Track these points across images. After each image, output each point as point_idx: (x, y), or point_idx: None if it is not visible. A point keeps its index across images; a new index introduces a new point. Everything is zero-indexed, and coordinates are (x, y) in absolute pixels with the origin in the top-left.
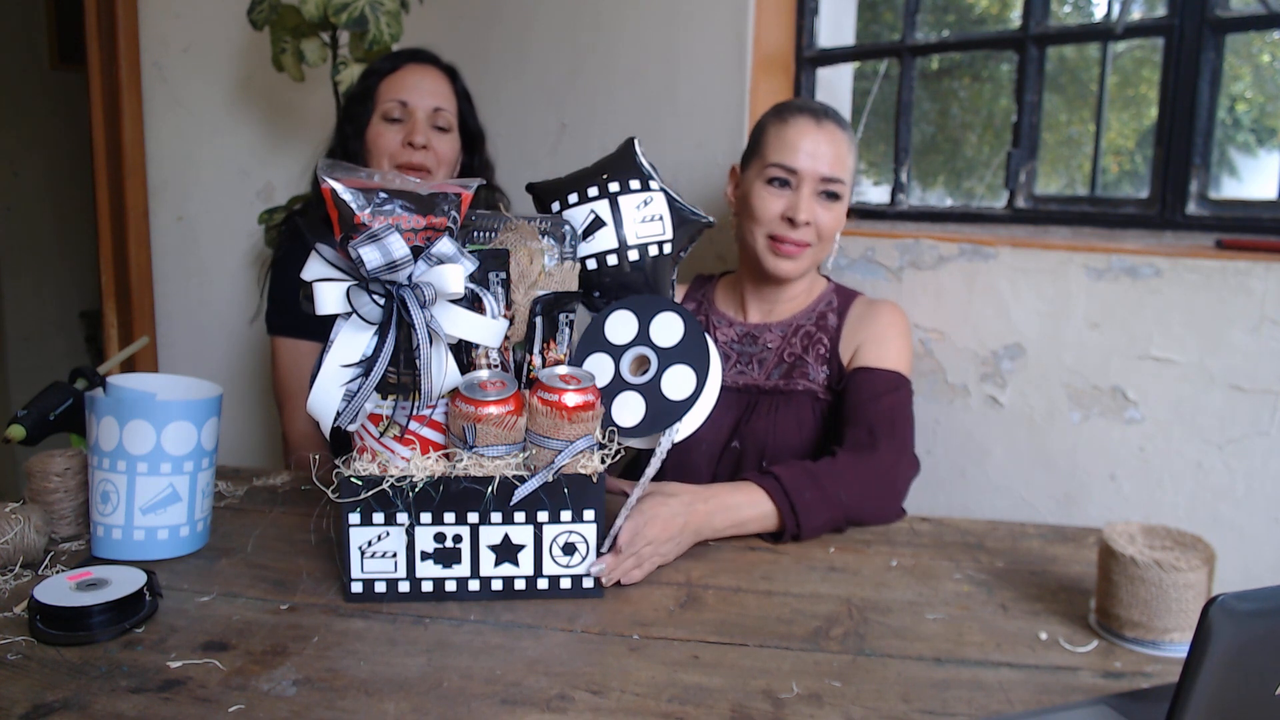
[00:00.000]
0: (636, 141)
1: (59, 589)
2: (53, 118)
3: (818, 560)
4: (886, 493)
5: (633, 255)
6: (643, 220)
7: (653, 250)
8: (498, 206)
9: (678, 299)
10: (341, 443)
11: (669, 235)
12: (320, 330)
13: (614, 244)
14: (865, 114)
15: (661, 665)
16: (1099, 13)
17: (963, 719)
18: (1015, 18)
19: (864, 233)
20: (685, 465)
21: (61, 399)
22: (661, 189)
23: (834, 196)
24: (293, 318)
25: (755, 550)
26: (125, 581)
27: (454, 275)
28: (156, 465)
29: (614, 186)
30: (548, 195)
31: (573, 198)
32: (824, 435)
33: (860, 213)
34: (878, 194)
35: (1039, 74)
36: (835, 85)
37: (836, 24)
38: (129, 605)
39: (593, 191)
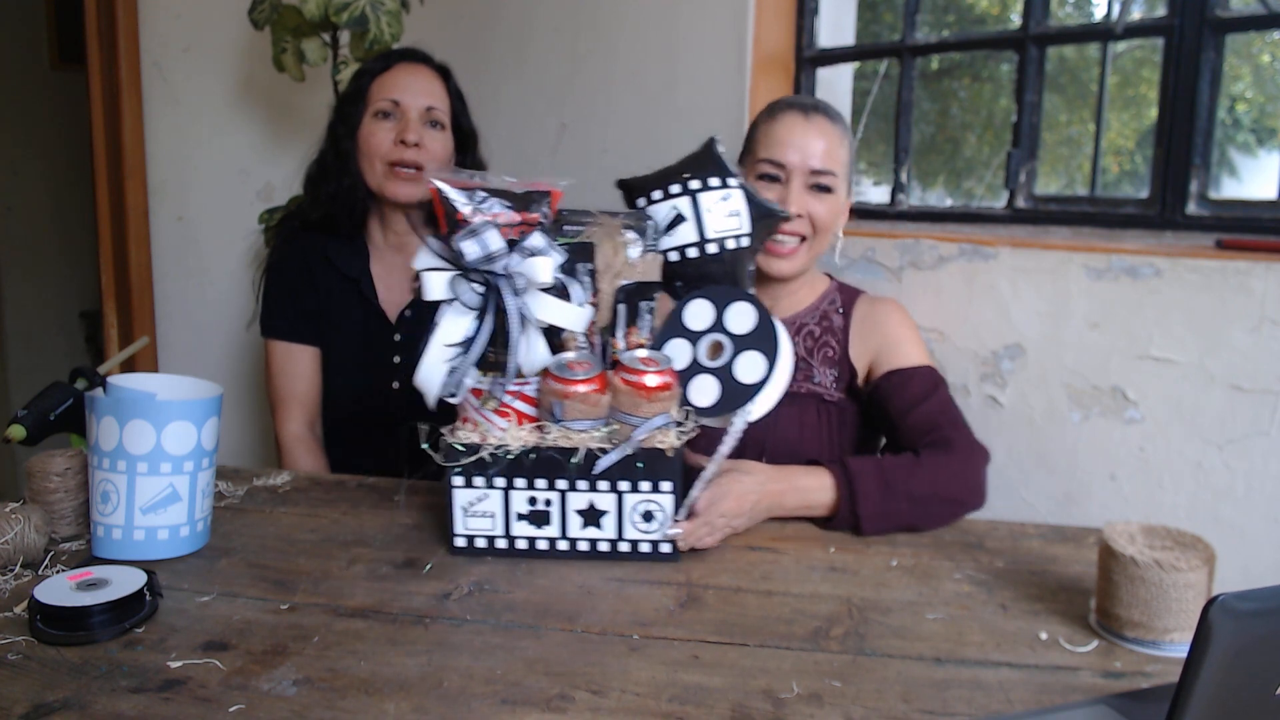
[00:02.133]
0: (716, 140)
1: (59, 589)
2: (53, 118)
3: (818, 560)
4: (972, 486)
5: (711, 248)
6: (721, 215)
7: (730, 243)
8: None
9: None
10: (445, 414)
11: (746, 229)
12: (313, 334)
13: (694, 238)
14: (865, 114)
15: (661, 665)
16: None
17: (963, 719)
18: (1015, 18)
19: (864, 233)
20: None
21: (61, 399)
22: (740, 185)
23: (826, 189)
24: (286, 321)
25: (755, 550)
26: (125, 581)
27: (544, 266)
28: (156, 465)
29: (694, 184)
30: (634, 191)
31: (656, 194)
32: (831, 437)
33: (860, 213)
34: (878, 194)
35: (1039, 74)
36: (835, 85)
37: (836, 24)
38: (129, 605)
39: (675, 188)
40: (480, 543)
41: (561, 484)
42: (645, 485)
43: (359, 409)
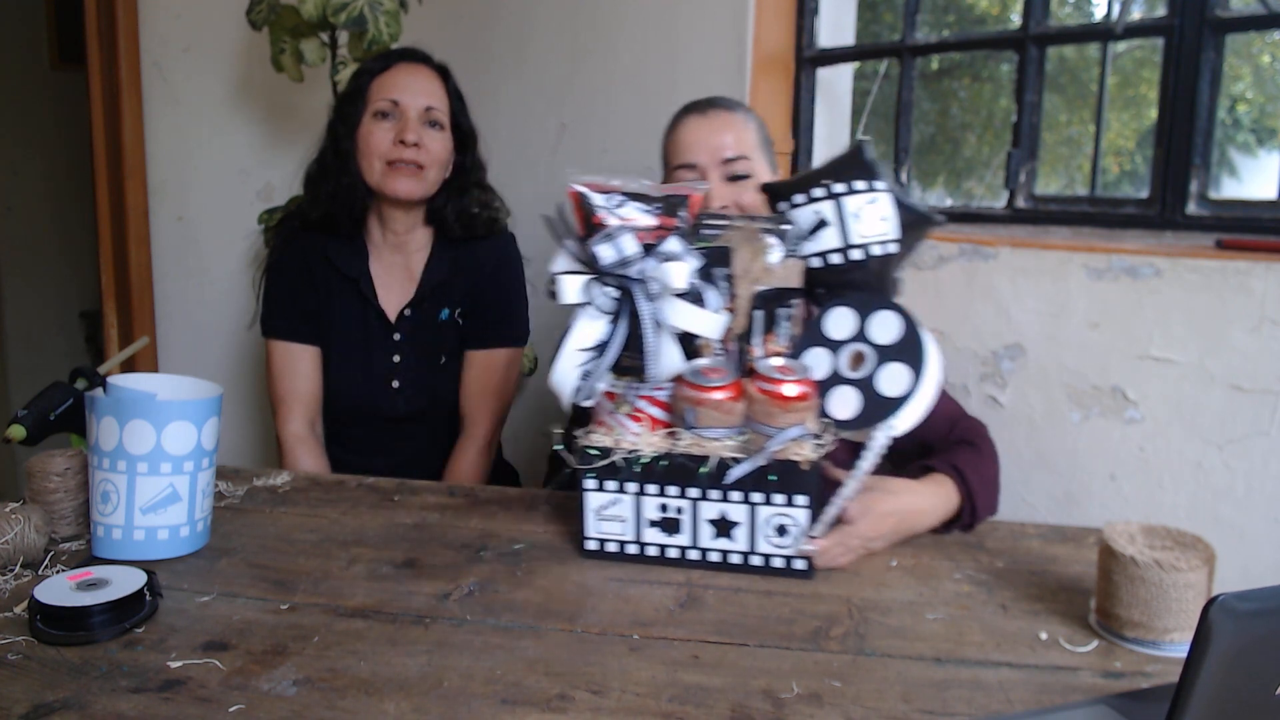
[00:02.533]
0: (865, 144)
1: (59, 589)
2: (53, 118)
3: None
4: (998, 483)
5: (855, 254)
6: (866, 220)
7: (876, 249)
8: (495, 209)
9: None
10: (579, 418)
11: (893, 235)
12: (313, 334)
13: (838, 243)
14: (865, 114)
15: (661, 665)
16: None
17: (963, 719)
18: (1015, 18)
19: None
20: None
21: (61, 399)
22: (889, 190)
23: (743, 175)
24: (286, 321)
25: None
26: (125, 581)
27: (678, 272)
28: (156, 465)
29: (839, 188)
30: (777, 195)
31: (799, 198)
32: None
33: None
34: None
35: (1039, 74)
36: (835, 85)
37: (836, 24)
38: (129, 605)
39: (818, 192)
40: (611, 547)
41: (693, 492)
42: (779, 498)
43: (359, 408)
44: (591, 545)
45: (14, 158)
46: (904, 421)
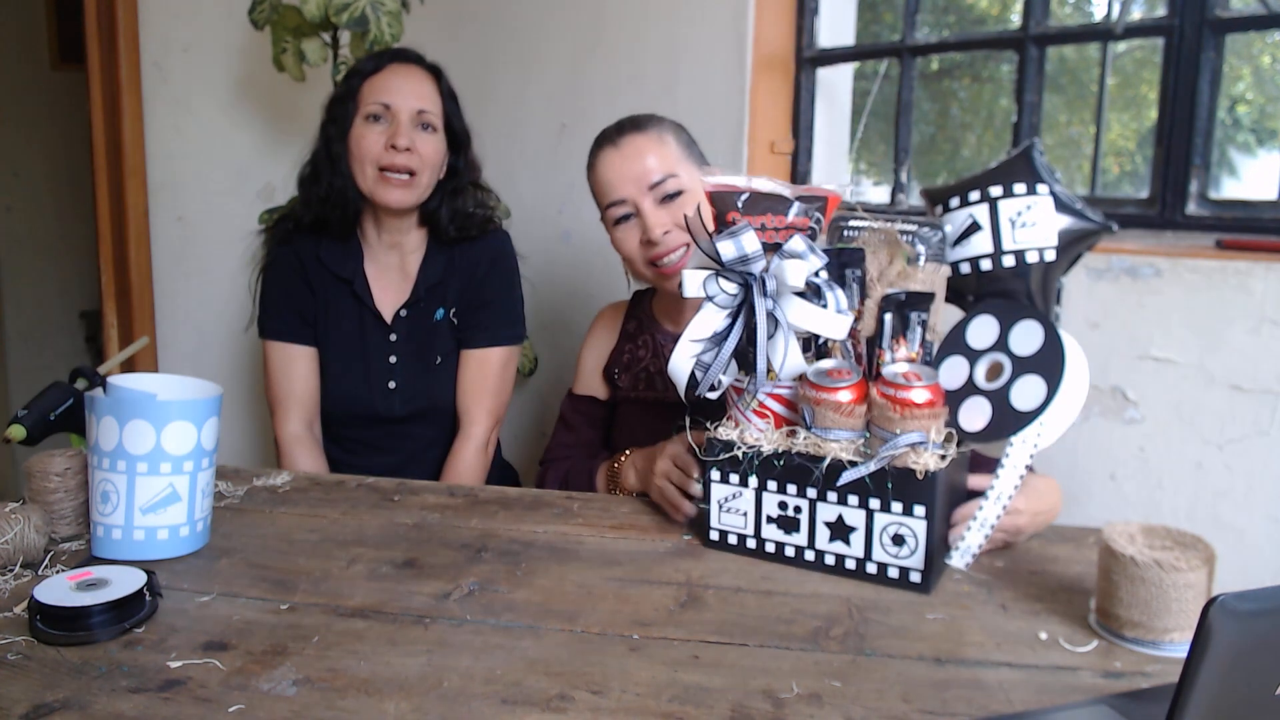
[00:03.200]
0: (1036, 144)
1: (59, 589)
2: (53, 118)
3: None
4: None
5: (1008, 260)
6: (1021, 225)
7: (1031, 256)
8: (490, 208)
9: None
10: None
11: (1051, 242)
12: (309, 335)
13: (988, 249)
14: (865, 114)
15: (661, 665)
16: (1099, 13)
17: (963, 719)
18: (1015, 18)
19: None
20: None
21: (61, 399)
22: (1053, 193)
23: (674, 194)
24: (282, 322)
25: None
26: (125, 581)
27: (795, 270)
28: (156, 465)
29: (996, 190)
30: (935, 199)
31: (954, 201)
32: None
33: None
34: (878, 194)
35: (1039, 74)
36: (835, 85)
37: (836, 24)
38: (129, 605)
39: (974, 195)
40: (732, 539)
41: (811, 493)
42: (897, 506)
43: (357, 409)
44: (714, 536)
45: (14, 158)
46: (1046, 438)
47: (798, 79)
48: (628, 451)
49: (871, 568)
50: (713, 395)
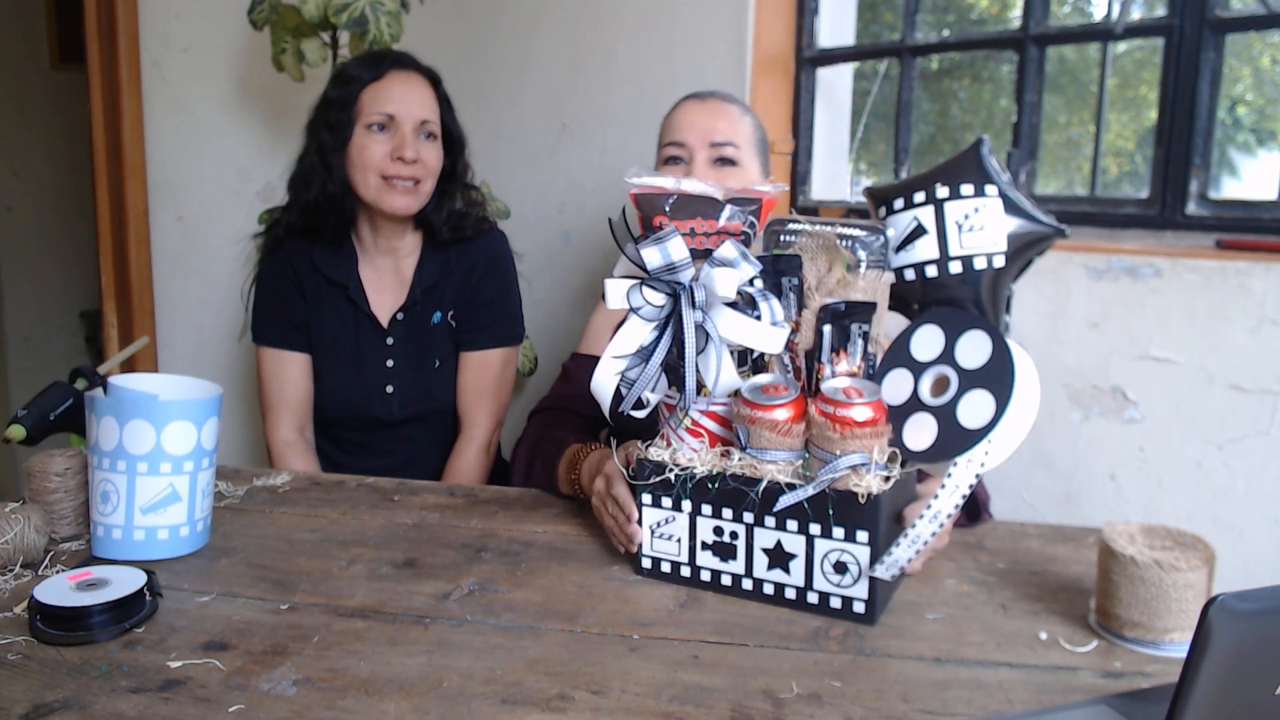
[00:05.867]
0: (984, 141)
1: (59, 589)
2: (53, 118)
3: None
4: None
5: (954, 267)
6: (969, 229)
7: (979, 262)
8: (480, 204)
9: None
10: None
11: (1000, 247)
12: (302, 341)
13: (934, 254)
14: (865, 114)
15: (661, 665)
16: (1099, 13)
17: (963, 719)
18: (1015, 18)
19: None
20: None
21: (61, 399)
22: (1002, 194)
23: (730, 161)
24: (275, 328)
25: None
26: (125, 581)
27: (725, 280)
28: (156, 465)
29: (942, 191)
30: (879, 199)
31: (898, 203)
32: None
33: (861, 213)
34: None
35: (1039, 74)
36: (835, 85)
37: (836, 24)
38: (129, 605)
39: (919, 197)
40: (665, 567)
41: (748, 517)
42: (838, 532)
43: (355, 413)
44: (646, 564)
45: (14, 158)
46: (993, 458)
47: (798, 79)
48: (594, 445)
49: (813, 597)
50: (639, 414)
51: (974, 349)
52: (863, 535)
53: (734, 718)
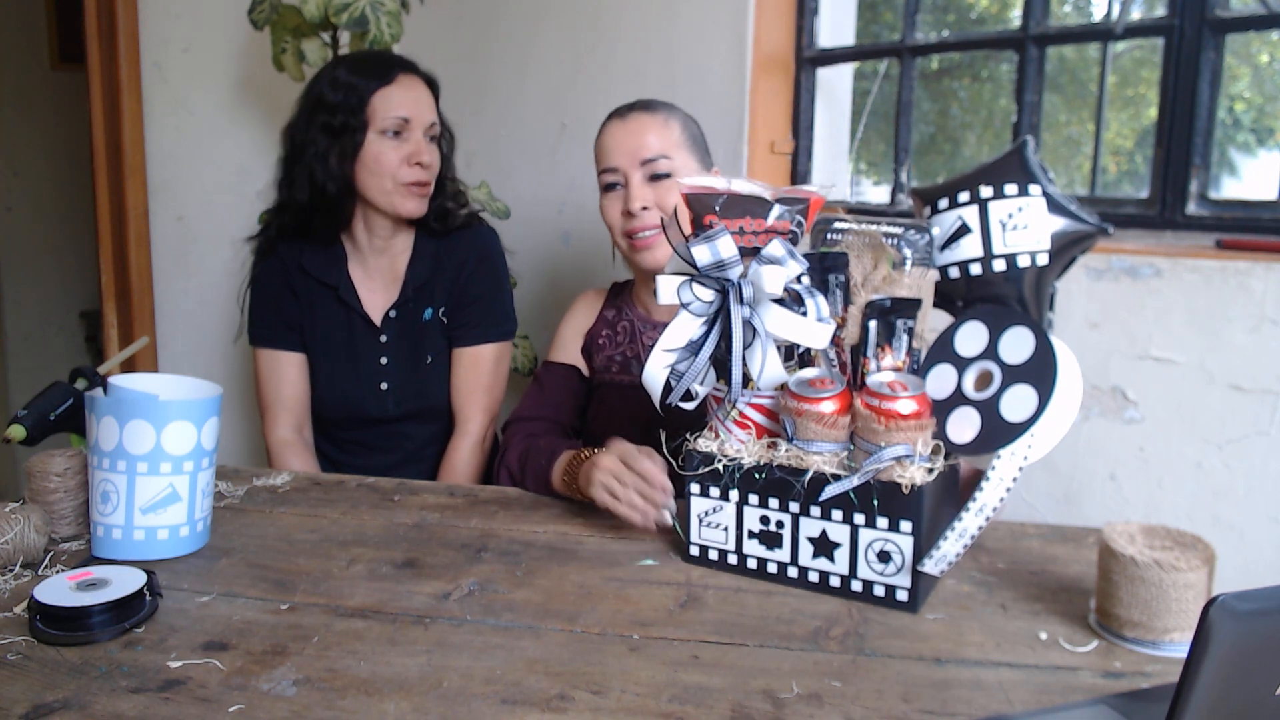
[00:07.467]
0: (1028, 143)
1: (59, 589)
2: (53, 118)
3: None
4: None
5: (998, 265)
6: (1012, 228)
7: (1023, 261)
8: (461, 193)
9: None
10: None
11: (1043, 245)
12: (297, 341)
13: (978, 253)
14: (865, 114)
15: (661, 665)
16: (1099, 13)
17: (963, 719)
18: (1015, 18)
19: None
20: None
21: (61, 399)
22: (1046, 194)
23: (663, 175)
24: (270, 329)
25: None
26: (125, 581)
27: (773, 276)
28: (156, 465)
29: (986, 191)
30: (924, 199)
31: (943, 203)
32: None
33: (861, 213)
34: (878, 194)
35: (1039, 74)
36: (835, 85)
37: (836, 24)
38: (129, 605)
39: (963, 196)
40: (713, 555)
41: (794, 506)
42: (882, 522)
43: (351, 412)
44: (694, 551)
45: (14, 158)
46: (1036, 451)
47: (798, 79)
48: (595, 450)
49: (857, 585)
50: (688, 406)
51: (1017, 344)
52: (906, 525)
53: (734, 718)
